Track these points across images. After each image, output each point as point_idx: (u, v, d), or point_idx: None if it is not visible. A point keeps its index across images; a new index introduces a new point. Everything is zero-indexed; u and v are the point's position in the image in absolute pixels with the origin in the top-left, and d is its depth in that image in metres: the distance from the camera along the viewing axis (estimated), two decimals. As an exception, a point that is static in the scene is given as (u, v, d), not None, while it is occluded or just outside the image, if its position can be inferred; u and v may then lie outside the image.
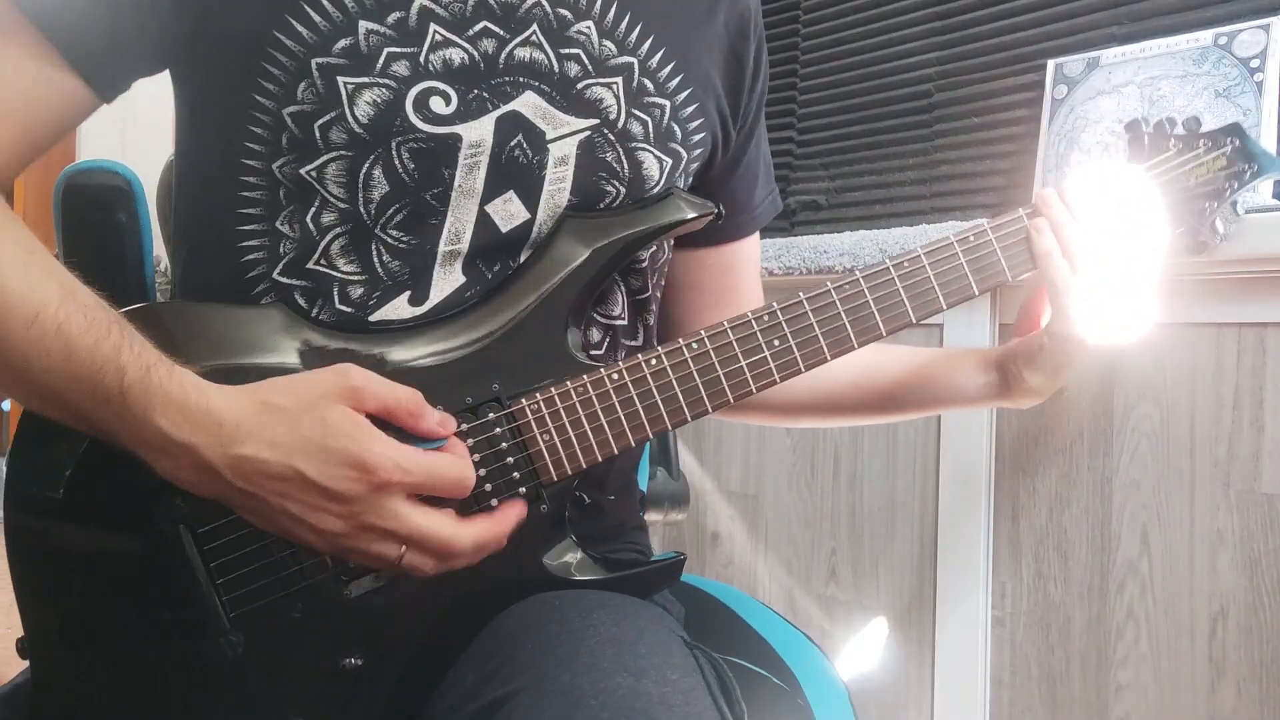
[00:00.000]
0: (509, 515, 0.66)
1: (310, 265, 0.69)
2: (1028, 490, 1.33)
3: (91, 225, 0.88)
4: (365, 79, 0.68)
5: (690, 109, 0.78)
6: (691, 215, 0.73)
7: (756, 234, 0.92)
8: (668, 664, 0.61)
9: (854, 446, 1.55)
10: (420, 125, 0.69)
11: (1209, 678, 1.16)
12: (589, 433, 0.68)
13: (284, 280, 0.70)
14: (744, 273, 0.92)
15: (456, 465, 0.63)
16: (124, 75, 0.68)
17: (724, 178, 0.86)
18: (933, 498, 1.44)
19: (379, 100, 0.68)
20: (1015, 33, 1.45)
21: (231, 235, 0.70)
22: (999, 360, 0.82)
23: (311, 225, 0.69)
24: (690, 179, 0.80)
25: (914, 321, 0.73)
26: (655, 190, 0.76)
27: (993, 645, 1.37)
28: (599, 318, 0.77)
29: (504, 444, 0.67)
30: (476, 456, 0.66)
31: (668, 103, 0.77)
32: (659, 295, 0.84)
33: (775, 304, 0.71)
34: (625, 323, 0.79)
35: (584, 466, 0.69)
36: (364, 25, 0.68)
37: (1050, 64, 1.37)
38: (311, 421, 0.58)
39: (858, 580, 1.54)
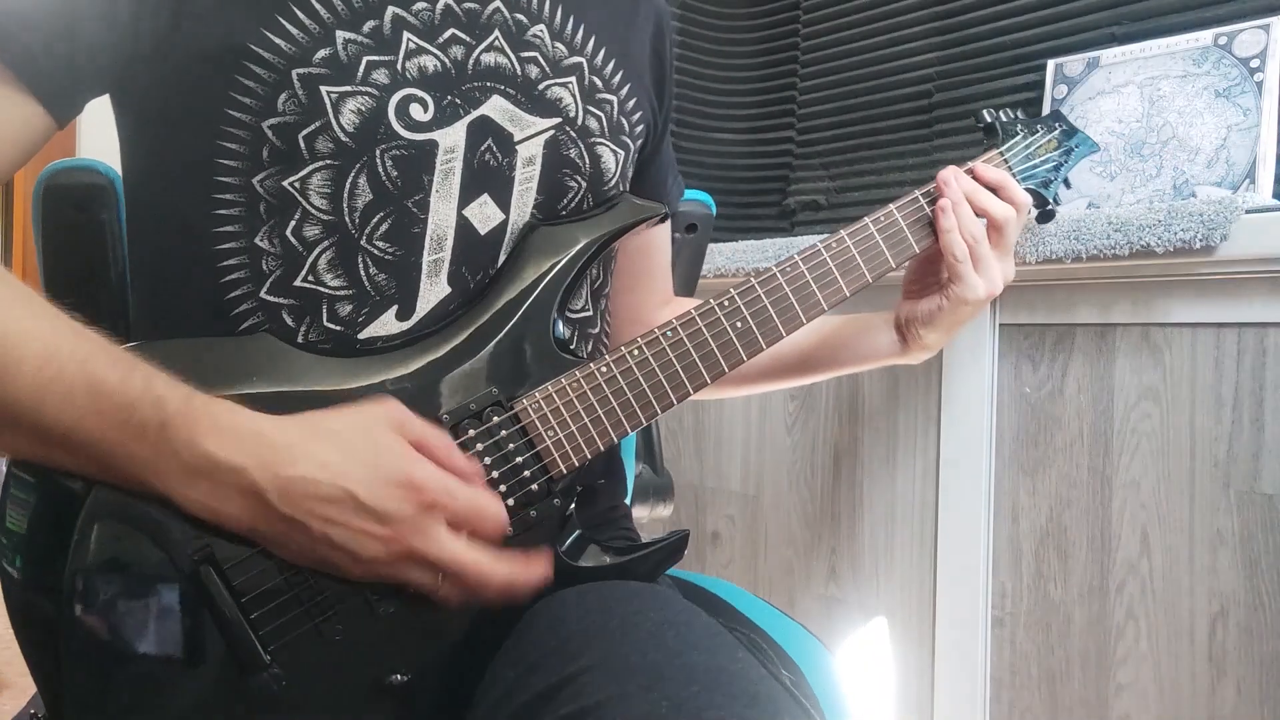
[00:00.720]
0: (538, 563, 0.66)
1: (298, 282, 0.69)
2: (1028, 490, 1.33)
3: (73, 225, 0.87)
4: (348, 87, 0.68)
5: (632, 103, 0.83)
6: (647, 216, 0.79)
7: (668, 221, 0.99)
8: (729, 643, 0.62)
9: (854, 446, 1.55)
10: (402, 132, 0.69)
11: (1209, 678, 1.16)
12: (589, 425, 0.71)
13: (271, 299, 0.69)
14: (657, 256, 0.98)
15: (495, 504, 0.64)
16: (80, 98, 0.68)
17: (646, 166, 0.92)
18: (933, 498, 1.44)
19: (363, 108, 0.68)
20: (1015, 33, 1.45)
21: (207, 256, 0.69)
22: (896, 322, 0.92)
23: (294, 239, 0.68)
24: (633, 169, 0.86)
25: (848, 295, 0.82)
26: (612, 182, 0.80)
27: (993, 645, 1.37)
28: (569, 315, 0.79)
29: (511, 444, 0.69)
30: (487, 460, 0.68)
31: (615, 98, 0.81)
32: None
33: (733, 290, 0.77)
34: (590, 314, 0.82)
35: (589, 457, 0.71)
36: (341, 35, 0.68)
37: (1050, 64, 1.37)
38: (364, 443, 0.59)
39: (858, 580, 1.54)
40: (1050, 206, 0.94)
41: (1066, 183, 0.96)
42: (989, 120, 0.95)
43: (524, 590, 0.65)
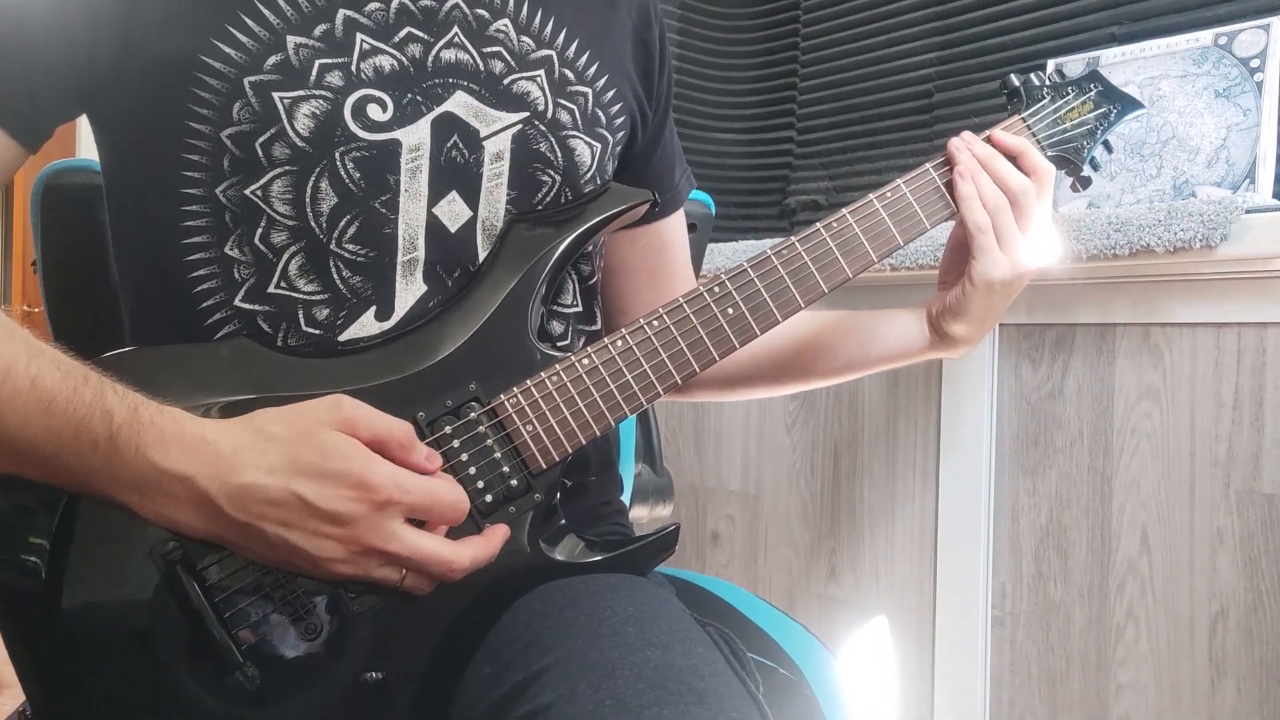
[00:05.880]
0: (497, 535, 0.67)
1: (271, 289, 0.69)
2: (1028, 490, 1.33)
3: (73, 226, 0.87)
4: (301, 92, 0.68)
5: (610, 94, 0.81)
6: (632, 204, 0.77)
7: (681, 214, 0.96)
8: (690, 639, 0.62)
9: (854, 445, 1.55)
10: (360, 133, 0.69)
11: (1209, 678, 1.16)
12: (569, 418, 0.70)
13: (246, 306, 0.69)
14: (674, 250, 0.95)
15: (453, 490, 0.63)
16: (47, 125, 0.68)
17: (645, 159, 0.89)
18: (933, 498, 1.44)
19: (317, 112, 0.68)
20: (1015, 33, 1.45)
21: (180, 266, 0.69)
22: (928, 315, 0.87)
23: (262, 246, 0.69)
24: (615, 162, 0.84)
25: (850, 276, 0.79)
26: (588, 175, 0.79)
27: (993, 645, 1.37)
28: (557, 309, 0.79)
29: (490, 440, 0.68)
30: (465, 455, 0.68)
31: (589, 90, 0.80)
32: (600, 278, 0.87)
33: (723, 275, 0.75)
34: (581, 310, 0.81)
35: (570, 452, 0.70)
36: (292, 40, 0.68)
37: (1050, 64, 1.37)
38: (309, 448, 0.58)
39: (858, 580, 1.54)
40: (1085, 173, 0.89)
41: (1107, 146, 0.90)
42: (1015, 84, 0.89)
43: (490, 562, 0.65)
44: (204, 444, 0.58)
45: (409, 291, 0.71)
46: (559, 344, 0.79)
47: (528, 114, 0.75)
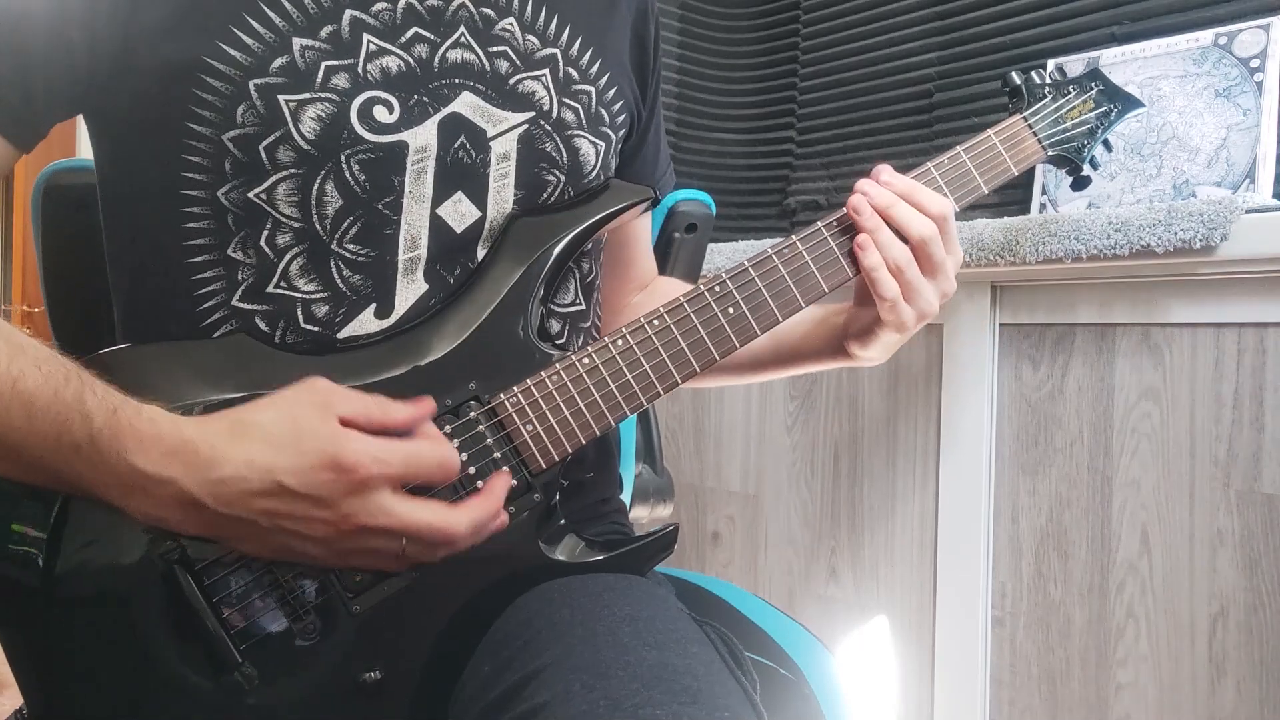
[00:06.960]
0: (497, 488, 0.66)
1: (270, 289, 0.69)
2: (1028, 490, 1.33)
3: (73, 225, 0.87)
4: (307, 95, 0.68)
5: (611, 92, 0.81)
6: (633, 201, 0.76)
7: (649, 214, 0.96)
8: (685, 638, 0.62)
9: (854, 445, 1.55)
10: (367, 136, 0.69)
11: (1209, 678, 1.16)
12: (569, 418, 0.70)
13: (244, 306, 0.69)
14: (639, 247, 0.96)
15: (436, 449, 0.63)
16: (41, 126, 0.68)
17: (633, 155, 0.89)
18: (933, 498, 1.44)
19: (323, 115, 0.68)
20: (1015, 33, 1.45)
21: (181, 268, 0.69)
22: (842, 330, 0.84)
23: (266, 248, 0.69)
24: (618, 160, 0.84)
25: (851, 276, 0.78)
26: (593, 174, 0.79)
27: (993, 645, 1.37)
28: (557, 309, 0.79)
29: (489, 439, 0.68)
30: (465, 455, 0.67)
31: (593, 89, 0.80)
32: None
33: (724, 274, 0.75)
34: (581, 308, 0.81)
35: (569, 451, 0.70)
36: (298, 42, 0.68)
37: (1050, 64, 1.37)
38: (288, 431, 0.58)
39: (858, 580, 1.54)
40: (1085, 172, 0.88)
41: (1107, 145, 0.90)
42: (1017, 83, 0.89)
43: (494, 525, 0.65)
44: (184, 444, 0.57)
45: (409, 290, 0.71)
46: (556, 342, 0.78)
47: (533, 114, 0.75)
